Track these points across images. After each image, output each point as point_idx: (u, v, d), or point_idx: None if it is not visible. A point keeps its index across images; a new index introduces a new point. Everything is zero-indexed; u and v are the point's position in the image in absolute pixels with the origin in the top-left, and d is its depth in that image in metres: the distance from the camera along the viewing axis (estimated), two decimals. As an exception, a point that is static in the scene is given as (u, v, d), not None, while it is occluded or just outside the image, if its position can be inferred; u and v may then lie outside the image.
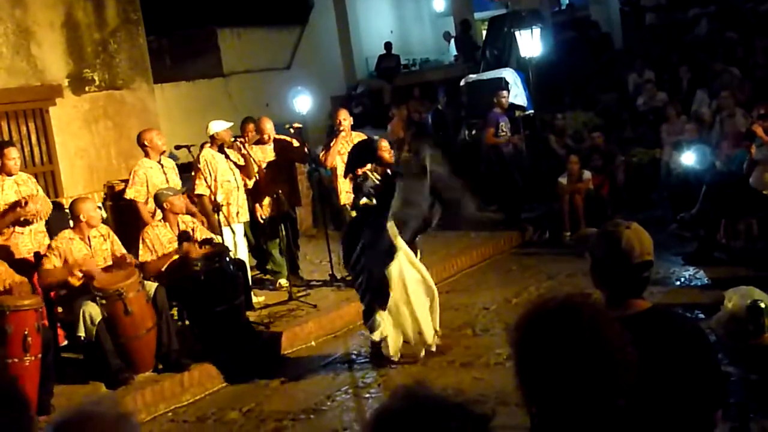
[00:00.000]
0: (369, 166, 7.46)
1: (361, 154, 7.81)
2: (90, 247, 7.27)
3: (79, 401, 1.73)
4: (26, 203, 7.37)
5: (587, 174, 11.44)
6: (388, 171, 7.35)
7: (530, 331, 2.10)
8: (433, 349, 7.19)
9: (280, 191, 9.04)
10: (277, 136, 9.54)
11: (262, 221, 9.32)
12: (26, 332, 6.17)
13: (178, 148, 8.84)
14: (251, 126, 10.12)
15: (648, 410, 2.60)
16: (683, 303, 7.54)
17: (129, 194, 8.30)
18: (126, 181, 8.59)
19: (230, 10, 16.28)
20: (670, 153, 11.91)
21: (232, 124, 9.26)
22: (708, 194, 9.40)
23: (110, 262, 7.36)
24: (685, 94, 13.79)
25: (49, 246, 7.23)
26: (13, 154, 7.56)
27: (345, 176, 8.24)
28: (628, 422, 2.13)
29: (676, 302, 7.52)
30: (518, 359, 2.12)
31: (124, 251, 7.49)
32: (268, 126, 9.46)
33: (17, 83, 10.02)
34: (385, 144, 7.50)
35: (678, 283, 8.62)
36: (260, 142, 9.46)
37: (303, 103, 12.28)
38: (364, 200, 7.19)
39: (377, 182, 7.24)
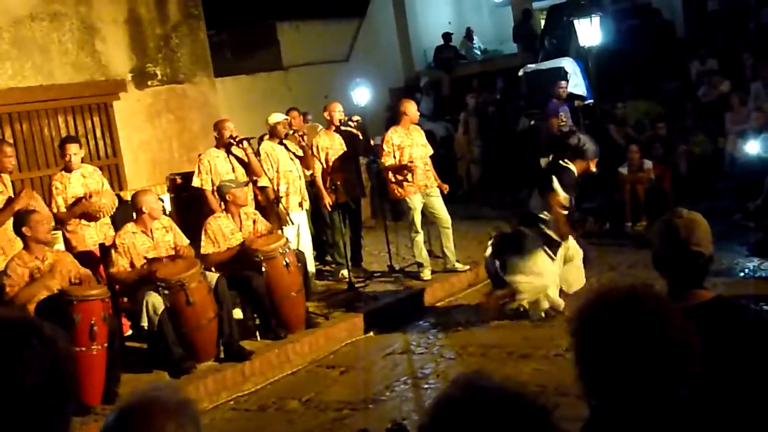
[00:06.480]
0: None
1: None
2: (153, 239, 7.38)
3: (141, 388, 1.73)
4: (90, 197, 7.53)
5: (648, 164, 11.26)
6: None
7: (592, 320, 2.07)
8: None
9: (338, 182, 9.09)
10: (343, 128, 9.59)
11: (330, 208, 9.37)
12: (93, 321, 6.29)
13: (238, 140, 8.94)
14: (294, 114, 10.19)
15: (711, 402, 2.57)
16: (747, 294, 7.36)
17: (195, 182, 8.40)
18: (188, 174, 8.72)
19: (289, 4, 16.44)
20: (734, 142, 11.67)
21: (287, 117, 9.36)
22: (774, 184, 9.20)
23: (172, 254, 7.47)
24: (748, 82, 13.46)
25: (114, 244, 7.33)
26: (72, 150, 7.71)
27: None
28: (691, 414, 2.10)
29: (740, 293, 7.35)
30: (579, 349, 2.09)
31: (186, 242, 7.59)
32: (338, 109, 9.53)
33: (82, 78, 10.24)
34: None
35: (742, 274, 8.44)
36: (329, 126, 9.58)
37: (361, 95, 12.32)
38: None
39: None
